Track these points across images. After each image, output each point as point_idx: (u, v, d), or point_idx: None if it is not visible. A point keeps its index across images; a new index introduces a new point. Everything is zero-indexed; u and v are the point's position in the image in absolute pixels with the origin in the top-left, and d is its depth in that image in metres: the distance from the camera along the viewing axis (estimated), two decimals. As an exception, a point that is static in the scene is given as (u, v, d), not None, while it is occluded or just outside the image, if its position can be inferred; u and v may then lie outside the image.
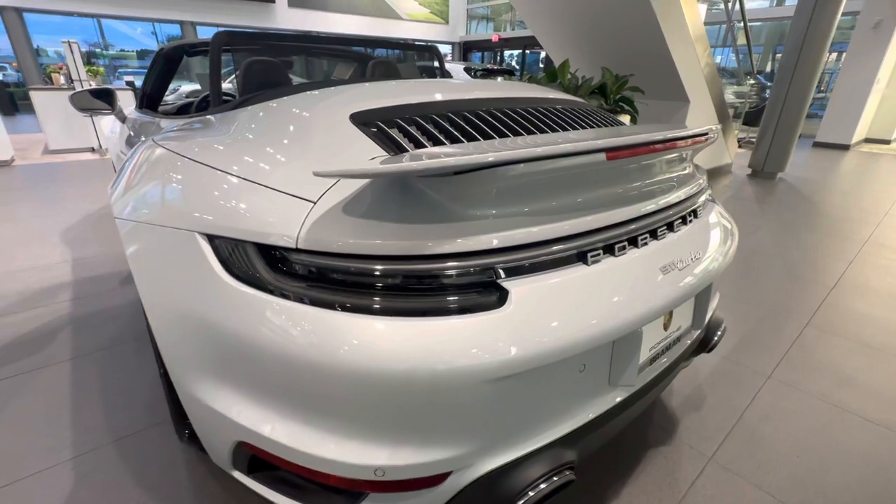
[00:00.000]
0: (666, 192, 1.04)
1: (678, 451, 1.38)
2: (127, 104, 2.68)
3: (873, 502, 1.23)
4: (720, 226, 1.20)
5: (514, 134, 1.06)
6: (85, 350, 1.80)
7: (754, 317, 2.19)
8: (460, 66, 7.67)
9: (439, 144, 0.96)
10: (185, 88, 6.79)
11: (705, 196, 1.26)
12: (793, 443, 1.42)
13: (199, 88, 6.20)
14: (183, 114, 2.16)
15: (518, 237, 0.77)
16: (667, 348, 1.04)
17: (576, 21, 4.47)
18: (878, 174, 5.97)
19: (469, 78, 7.30)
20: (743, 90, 8.11)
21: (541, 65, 16.74)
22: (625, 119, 3.73)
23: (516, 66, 17.53)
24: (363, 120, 1.00)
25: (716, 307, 1.32)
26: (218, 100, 1.46)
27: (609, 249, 0.88)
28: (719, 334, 1.26)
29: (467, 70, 7.60)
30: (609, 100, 3.67)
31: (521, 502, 0.79)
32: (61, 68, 6.90)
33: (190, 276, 0.86)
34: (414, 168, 0.63)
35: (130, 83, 8.20)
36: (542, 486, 0.81)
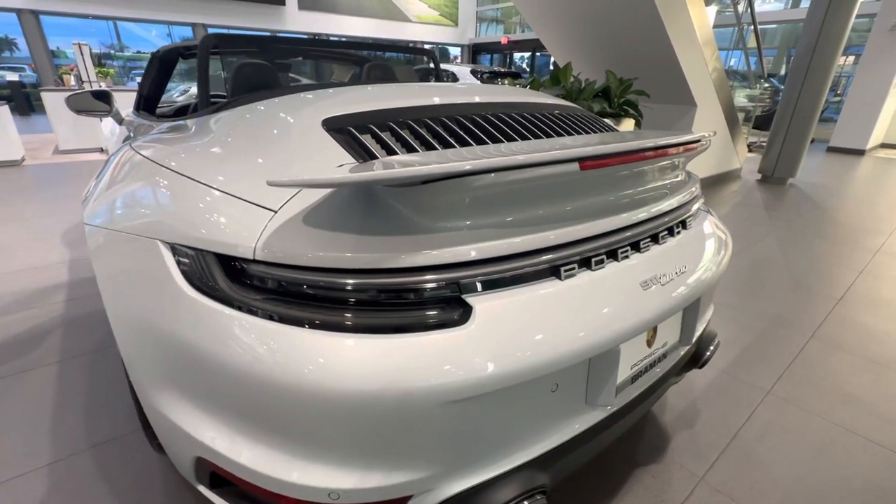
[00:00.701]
0: (651, 203, 0.99)
1: (668, 470, 1.32)
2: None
3: (873, 530, 1.17)
4: (712, 237, 1.15)
5: (494, 141, 1.02)
6: (73, 353, 1.80)
7: (755, 329, 2.12)
8: (467, 69, 7.66)
9: (413, 151, 0.93)
10: (196, 90, 6.84)
11: (697, 205, 1.21)
12: (790, 464, 1.36)
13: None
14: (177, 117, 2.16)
15: (484, 250, 0.73)
16: (651, 365, 1.00)
17: (580, 24, 4.42)
18: (894, 180, 5.79)
19: (474, 80, 7.28)
20: (754, 93, 7.96)
21: (551, 67, 16.65)
22: (629, 123, 3.67)
23: (526, 69, 17.46)
24: (335, 126, 0.97)
25: (709, 320, 1.27)
26: (205, 103, 1.45)
27: (585, 263, 0.84)
28: (711, 349, 1.21)
29: (474, 73, 7.58)
30: (613, 103, 3.62)
31: None
32: (72, 69, 7.01)
33: (151, 286, 0.84)
34: (363, 179, 0.60)
35: (142, 84, 8.29)
36: None
